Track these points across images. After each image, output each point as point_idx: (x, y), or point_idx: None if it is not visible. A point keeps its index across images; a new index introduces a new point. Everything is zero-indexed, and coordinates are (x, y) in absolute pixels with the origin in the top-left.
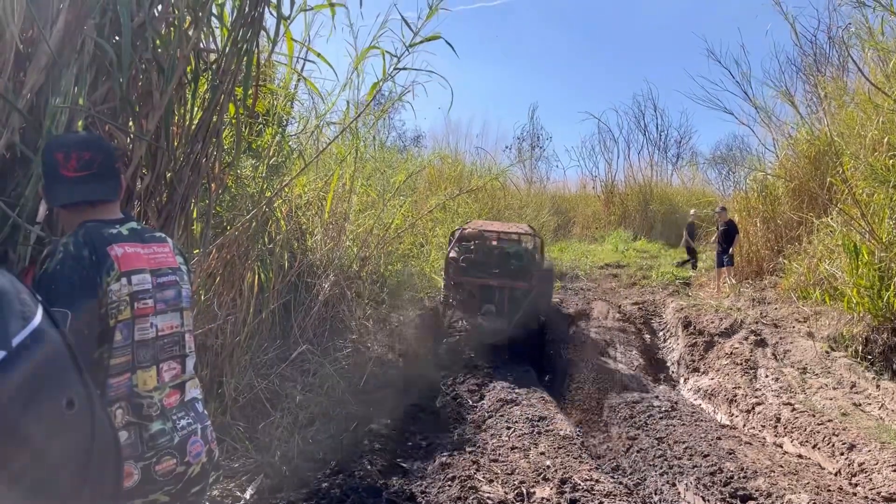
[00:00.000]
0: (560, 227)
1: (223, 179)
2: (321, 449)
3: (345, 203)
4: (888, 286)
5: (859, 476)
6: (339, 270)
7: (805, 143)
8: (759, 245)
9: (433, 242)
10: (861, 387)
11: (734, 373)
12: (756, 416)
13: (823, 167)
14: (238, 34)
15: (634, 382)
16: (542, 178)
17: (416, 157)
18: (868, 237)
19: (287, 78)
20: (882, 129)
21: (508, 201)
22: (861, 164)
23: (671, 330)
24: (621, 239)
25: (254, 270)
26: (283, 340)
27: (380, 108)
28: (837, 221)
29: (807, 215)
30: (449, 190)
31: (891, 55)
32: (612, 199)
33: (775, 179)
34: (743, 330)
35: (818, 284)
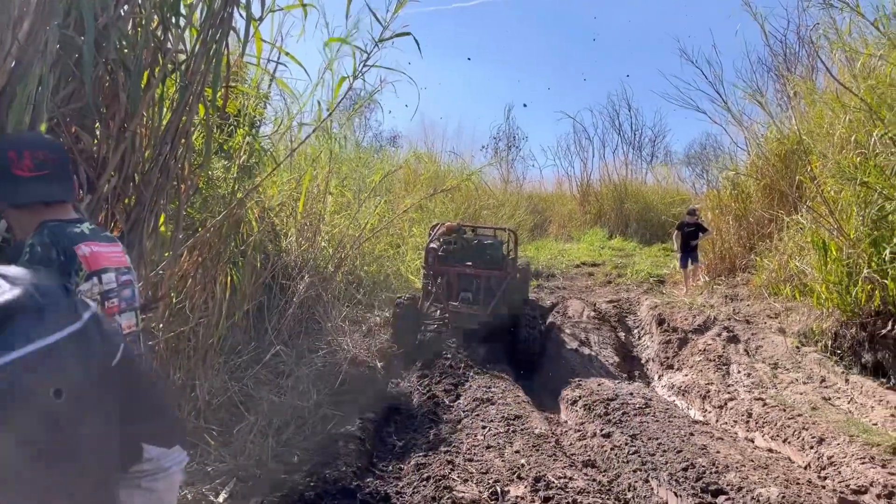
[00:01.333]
0: (536, 227)
1: (193, 181)
2: (295, 451)
3: (319, 204)
4: (856, 282)
5: (828, 469)
6: (314, 271)
7: (775, 143)
8: (732, 242)
9: (409, 243)
10: (831, 381)
11: (707, 369)
12: (728, 411)
13: (793, 166)
14: (207, 35)
15: (609, 379)
16: (519, 178)
17: (391, 157)
18: (836, 234)
19: (255, 78)
20: (849, 127)
21: (485, 201)
22: (829, 162)
23: (645, 327)
24: (597, 237)
25: (226, 272)
26: (257, 343)
27: (352, 108)
28: (807, 219)
29: (777, 213)
30: (425, 190)
31: (858, 56)
32: (588, 198)
33: (747, 178)
34: (716, 326)
35: (789, 281)
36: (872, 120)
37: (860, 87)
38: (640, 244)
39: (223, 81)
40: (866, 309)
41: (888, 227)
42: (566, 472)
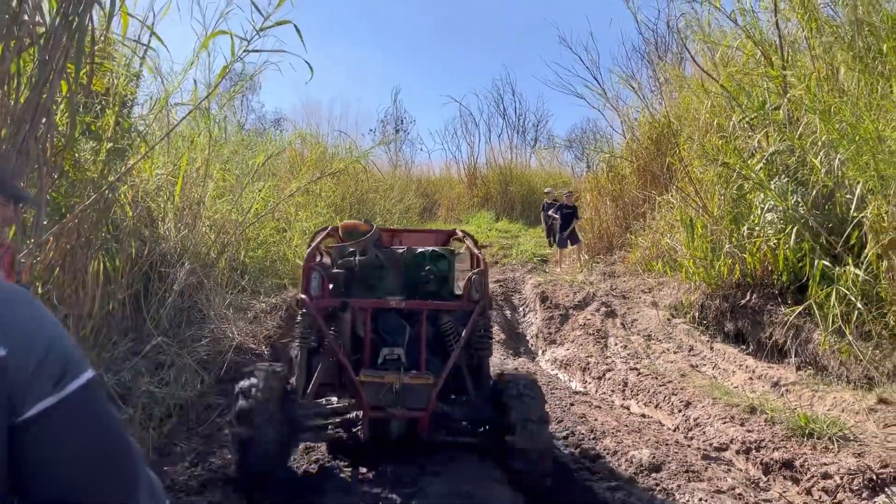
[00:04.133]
0: (426, 210)
1: (57, 163)
2: (178, 442)
3: (200, 188)
4: (719, 256)
5: (694, 430)
6: (195, 258)
7: (647, 126)
8: (609, 222)
9: (296, 227)
10: (698, 349)
11: (587, 342)
12: (606, 381)
13: (664, 148)
14: (68, 7)
15: (496, 356)
16: (408, 162)
17: (275, 140)
18: (701, 212)
19: (121, 56)
20: (712, 112)
21: (373, 184)
22: (695, 144)
23: (530, 305)
24: (484, 220)
25: (99, 259)
26: (135, 333)
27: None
28: (676, 198)
29: (650, 193)
30: (311, 173)
31: (717, 46)
32: (475, 181)
33: (622, 160)
34: (595, 302)
35: (661, 257)
36: (732, 105)
37: (721, 75)
38: (524, 226)
39: (88, 57)
40: (728, 281)
41: (746, 205)
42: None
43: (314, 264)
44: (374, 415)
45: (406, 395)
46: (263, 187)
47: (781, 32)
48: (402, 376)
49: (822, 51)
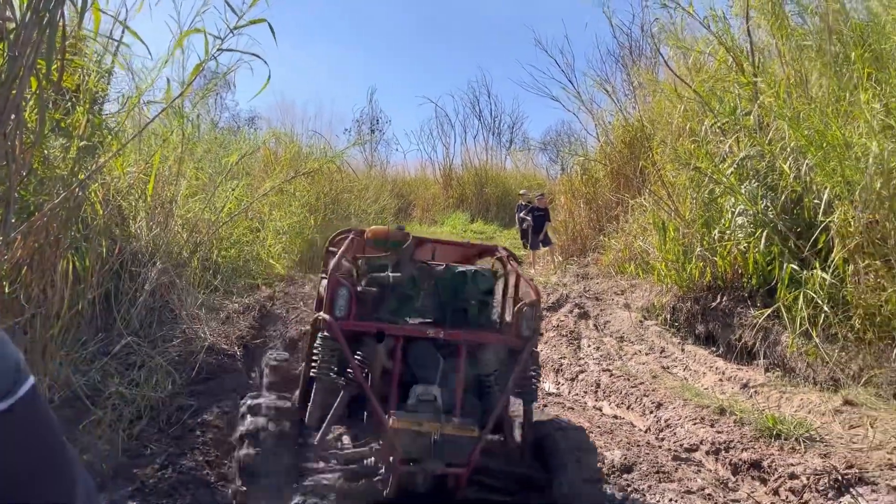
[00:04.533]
0: (401, 210)
1: (26, 160)
2: (149, 444)
3: (172, 186)
4: (690, 259)
5: (665, 431)
6: (166, 257)
7: (620, 130)
8: (583, 225)
9: (270, 227)
10: (669, 351)
11: (560, 344)
12: (579, 383)
13: (637, 152)
14: (39, 2)
15: None
16: (383, 162)
17: (249, 139)
18: (674, 215)
19: (91, 51)
20: (685, 117)
21: (348, 184)
22: (668, 148)
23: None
24: (459, 221)
25: (68, 258)
26: (105, 333)
27: (205, 87)
28: (649, 201)
29: (623, 196)
30: (285, 172)
31: (690, 52)
32: (451, 182)
33: (596, 163)
34: (568, 304)
35: (633, 259)
36: (704, 110)
37: (694, 80)
38: (500, 227)
39: (59, 53)
40: (699, 284)
41: (717, 209)
42: None
43: (342, 278)
44: (406, 469)
45: (445, 446)
46: (237, 186)
47: (753, 39)
48: (444, 424)
49: (792, 58)
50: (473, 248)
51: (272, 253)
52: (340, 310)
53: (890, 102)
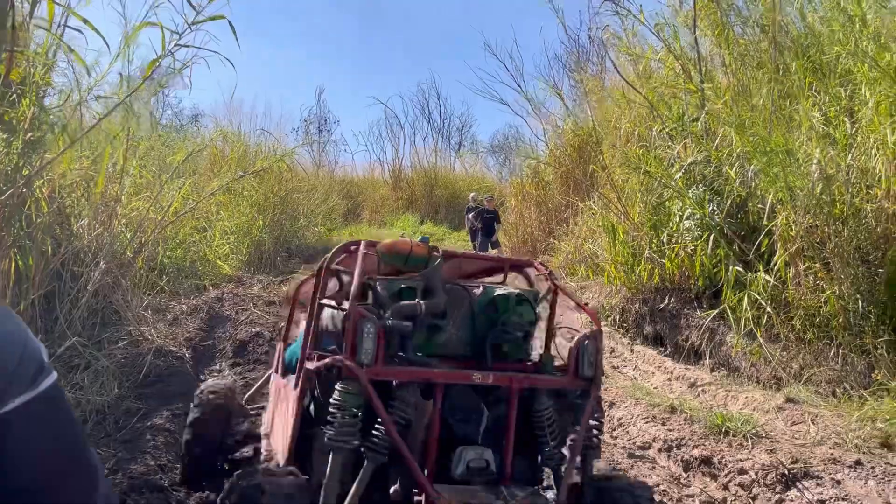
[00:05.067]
0: (350, 212)
1: None
2: (96, 449)
3: (116, 185)
4: (639, 262)
5: (619, 430)
6: (110, 257)
7: (570, 134)
8: (533, 227)
9: (217, 227)
10: (619, 351)
11: None
12: None
13: (586, 156)
14: None
15: None
16: (331, 162)
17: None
18: (623, 218)
19: (45, 44)
20: (633, 122)
21: (296, 184)
22: (617, 153)
23: None
24: (409, 223)
25: (10, 257)
26: (46, 335)
27: (155, 84)
28: (598, 205)
29: (573, 199)
30: (233, 172)
31: (639, 59)
32: (400, 183)
33: (546, 166)
34: None
35: (583, 261)
36: (653, 116)
37: (643, 87)
38: (449, 229)
39: (6, 45)
40: (648, 286)
41: (665, 213)
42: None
43: (366, 311)
44: None
45: None
46: (183, 185)
47: (700, 48)
48: (508, 499)
49: (735, 68)
50: (505, 262)
51: (219, 253)
52: (367, 354)
53: (829, 111)
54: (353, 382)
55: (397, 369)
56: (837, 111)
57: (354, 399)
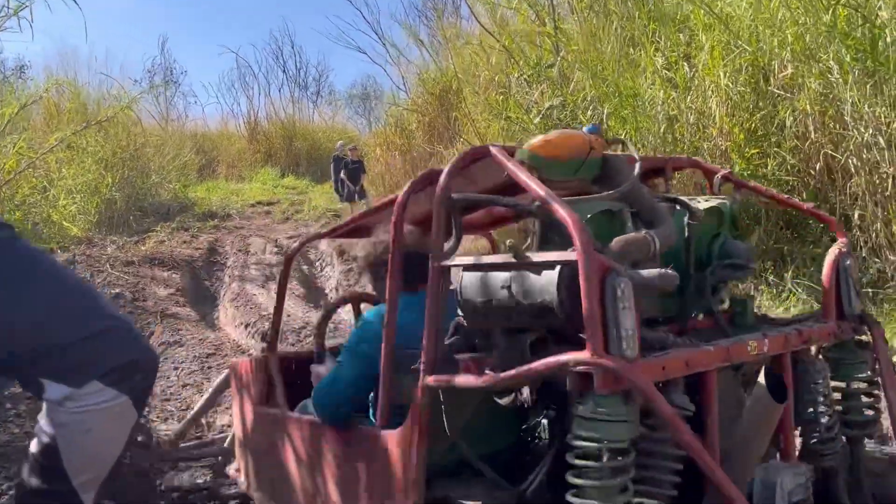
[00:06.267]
0: (205, 167)
1: None
2: None
3: None
4: None
5: None
6: None
7: (432, 82)
8: (399, 176)
9: (60, 186)
10: None
11: None
12: None
13: (448, 104)
14: None
15: (298, 309)
16: (181, 116)
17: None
18: None
19: None
20: (493, 69)
21: (145, 139)
22: (479, 100)
23: (327, 259)
24: (269, 177)
25: None
26: None
27: None
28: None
29: (438, 148)
30: (73, 124)
31: (496, 6)
32: (257, 136)
33: (409, 114)
34: None
35: None
36: (511, 63)
37: (500, 34)
38: (312, 182)
39: None
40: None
41: None
42: None
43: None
44: None
45: None
46: (17, 142)
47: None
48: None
49: (586, 14)
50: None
51: (65, 214)
52: (630, 340)
53: (670, 56)
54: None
55: (669, 359)
56: (677, 56)
57: (626, 429)
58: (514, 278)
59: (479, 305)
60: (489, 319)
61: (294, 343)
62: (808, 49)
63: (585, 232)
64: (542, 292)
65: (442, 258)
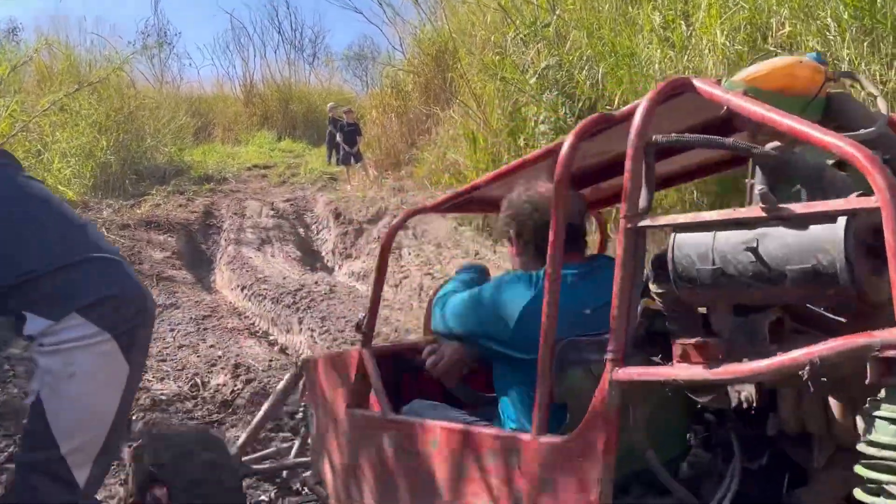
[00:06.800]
0: (200, 130)
1: None
2: None
3: None
4: (499, 167)
5: None
6: None
7: (428, 42)
8: (396, 139)
9: (54, 149)
10: (483, 254)
11: None
12: (404, 288)
13: (444, 64)
14: None
15: (294, 272)
16: (175, 78)
17: (15, 50)
18: (482, 126)
19: None
20: (489, 28)
21: (140, 102)
22: (475, 60)
23: (323, 222)
24: (266, 140)
25: None
26: None
27: None
28: (458, 113)
29: (433, 109)
30: (66, 85)
31: None
32: (253, 99)
33: (406, 76)
34: (387, 216)
35: (447, 170)
36: (507, 22)
37: None
38: (309, 145)
39: None
40: None
41: (521, 119)
42: (258, 351)
43: None
44: None
45: None
46: (10, 104)
47: None
48: None
49: None
50: None
51: (60, 178)
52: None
53: (667, 15)
54: None
55: None
56: (675, 14)
57: None
58: (763, 236)
59: (705, 275)
60: (719, 292)
61: (290, 305)
62: (807, 6)
63: (886, 170)
64: (815, 253)
65: (638, 217)
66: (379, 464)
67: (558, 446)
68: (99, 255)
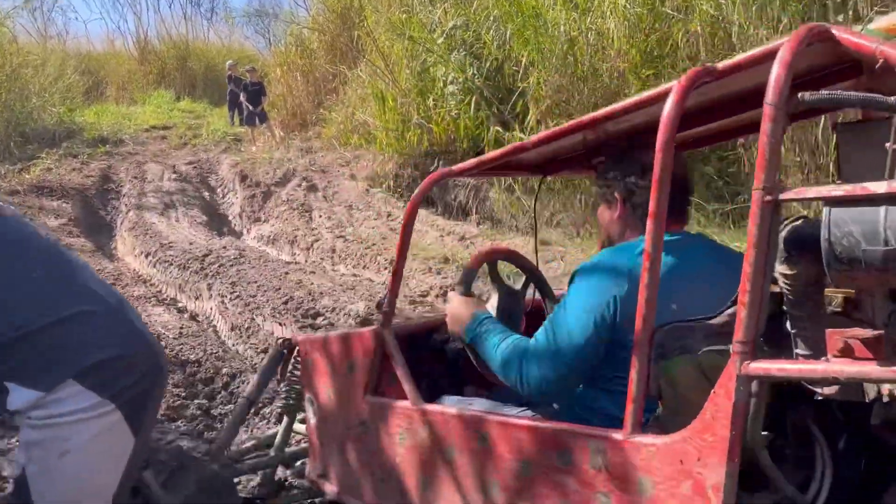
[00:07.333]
0: (92, 89)
1: None
2: None
3: None
4: (409, 128)
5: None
6: None
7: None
8: (302, 98)
9: None
10: (395, 215)
11: (292, 217)
12: (316, 251)
13: (350, 22)
14: None
15: (201, 237)
16: (61, 32)
17: None
18: (391, 85)
19: None
20: None
21: (23, 59)
22: (381, 18)
23: (229, 185)
24: (164, 100)
25: None
26: None
27: None
28: (366, 72)
29: (340, 68)
30: None
31: None
32: (148, 56)
33: (311, 33)
34: (296, 178)
35: (355, 131)
36: None
37: None
38: (209, 105)
39: None
40: (418, 151)
41: (430, 78)
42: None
43: None
44: None
45: None
46: None
47: None
48: None
49: None
50: None
51: None
52: None
53: None
54: None
55: None
56: None
57: None
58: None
59: (874, 256)
60: (887, 276)
61: (198, 271)
62: None
63: None
64: None
65: (777, 189)
66: (408, 458)
67: (664, 447)
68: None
